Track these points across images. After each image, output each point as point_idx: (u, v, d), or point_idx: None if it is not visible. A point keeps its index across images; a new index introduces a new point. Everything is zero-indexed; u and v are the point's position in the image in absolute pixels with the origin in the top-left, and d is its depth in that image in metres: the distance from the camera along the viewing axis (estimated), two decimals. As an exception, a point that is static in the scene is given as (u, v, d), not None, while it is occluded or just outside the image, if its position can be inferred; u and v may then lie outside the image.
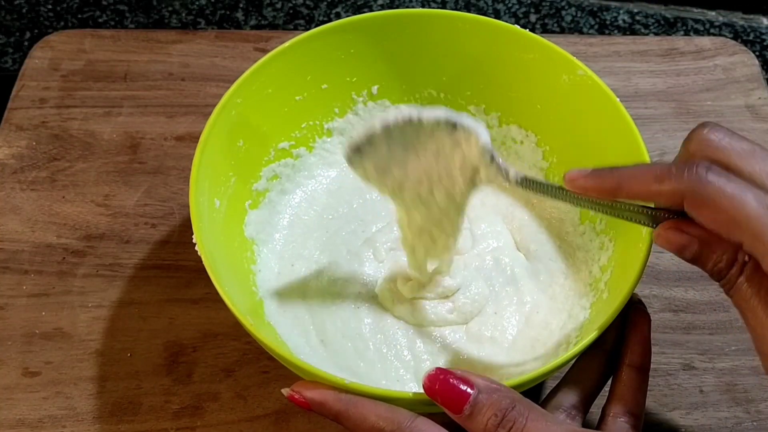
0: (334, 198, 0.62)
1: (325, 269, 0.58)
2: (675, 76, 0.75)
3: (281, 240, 0.59)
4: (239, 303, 0.47)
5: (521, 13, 0.89)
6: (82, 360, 0.57)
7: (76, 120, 0.70)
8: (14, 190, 0.66)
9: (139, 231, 0.64)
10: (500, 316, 0.55)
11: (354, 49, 0.60)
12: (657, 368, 0.58)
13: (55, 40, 0.76)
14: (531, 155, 0.62)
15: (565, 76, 0.57)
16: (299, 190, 0.62)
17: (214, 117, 0.54)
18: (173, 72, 0.74)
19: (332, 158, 0.64)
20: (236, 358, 0.58)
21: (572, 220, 0.59)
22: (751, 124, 0.72)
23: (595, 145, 0.57)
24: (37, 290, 0.61)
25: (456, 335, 0.55)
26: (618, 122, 0.54)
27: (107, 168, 0.67)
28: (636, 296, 0.48)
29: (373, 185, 0.48)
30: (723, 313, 0.61)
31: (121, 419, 0.55)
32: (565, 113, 0.59)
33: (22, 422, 0.55)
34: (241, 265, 0.55)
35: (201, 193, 0.51)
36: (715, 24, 0.88)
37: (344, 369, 0.53)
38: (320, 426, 0.55)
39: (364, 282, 0.57)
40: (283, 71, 0.58)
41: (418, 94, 0.64)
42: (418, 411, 0.43)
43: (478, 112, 0.63)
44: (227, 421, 0.55)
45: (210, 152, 0.53)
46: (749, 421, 0.56)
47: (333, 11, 0.88)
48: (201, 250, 0.48)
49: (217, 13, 0.87)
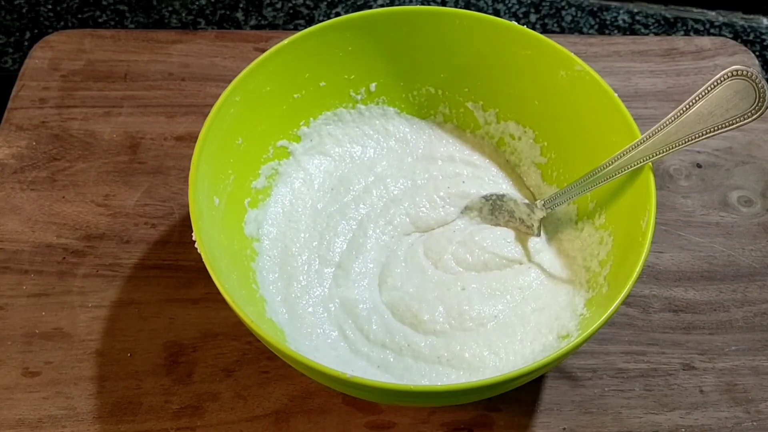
0: (333, 195, 0.62)
1: (325, 262, 0.58)
2: (675, 76, 0.75)
3: (280, 236, 0.59)
4: (239, 300, 0.47)
5: (521, 13, 0.89)
6: (82, 360, 0.57)
7: (76, 120, 0.70)
8: (14, 190, 0.66)
9: (139, 231, 0.64)
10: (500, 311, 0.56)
11: (352, 46, 0.60)
12: (657, 368, 0.58)
13: (55, 40, 0.76)
14: (529, 151, 0.63)
15: (563, 72, 0.58)
16: (297, 183, 0.62)
17: (213, 115, 0.54)
18: (173, 72, 0.74)
19: (330, 155, 0.64)
20: (236, 358, 0.58)
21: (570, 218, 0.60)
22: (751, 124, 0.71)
23: (593, 140, 0.57)
24: (37, 290, 0.61)
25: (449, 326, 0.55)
26: (616, 117, 0.54)
27: (107, 168, 0.68)
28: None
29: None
30: (723, 313, 0.61)
31: (121, 419, 0.55)
32: (563, 109, 0.59)
33: (22, 422, 0.55)
34: (241, 263, 0.55)
35: (200, 191, 0.51)
36: (715, 24, 0.88)
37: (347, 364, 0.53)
38: (320, 426, 0.55)
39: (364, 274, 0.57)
40: (281, 69, 0.58)
41: (416, 91, 0.64)
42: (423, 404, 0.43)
43: (476, 108, 0.64)
44: (227, 421, 0.55)
45: (209, 150, 0.53)
46: (749, 421, 0.56)
47: (333, 11, 0.88)
48: (201, 248, 0.48)
49: (217, 13, 0.87)
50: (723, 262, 0.63)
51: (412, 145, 0.65)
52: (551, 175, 0.61)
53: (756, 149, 0.70)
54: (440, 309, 0.55)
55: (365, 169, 0.63)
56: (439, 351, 0.54)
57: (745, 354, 0.58)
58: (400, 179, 0.62)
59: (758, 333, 0.59)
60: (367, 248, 0.59)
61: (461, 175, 0.62)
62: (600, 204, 0.57)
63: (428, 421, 0.55)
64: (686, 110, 0.51)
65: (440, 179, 0.62)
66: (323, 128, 0.63)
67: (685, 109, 0.51)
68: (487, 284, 0.57)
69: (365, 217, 0.61)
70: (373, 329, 0.55)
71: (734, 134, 0.70)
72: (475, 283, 0.57)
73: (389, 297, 0.56)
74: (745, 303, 0.61)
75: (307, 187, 0.62)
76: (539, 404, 0.56)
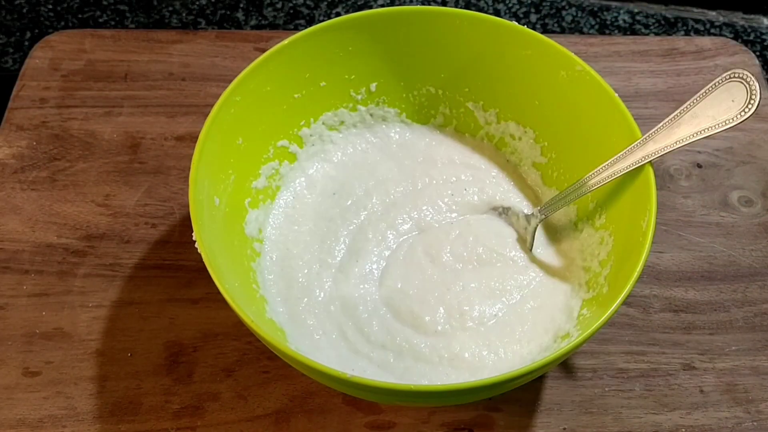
0: (334, 195, 0.62)
1: (326, 265, 0.58)
2: (675, 76, 0.75)
3: (281, 237, 0.60)
4: (240, 300, 0.47)
5: (521, 13, 0.89)
6: (83, 360, 0.57)
7: (76, 120, 0.70)
8: (14, 190, 0.66)
9: (139, 231, 0.64)
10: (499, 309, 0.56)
11: (352, 46, 0.60)
12: (657, 368, 0.58)
13: (56, 40, 0.76)
14: (529, 151, 0.63)
15: (563, 72, 0.58)
16: (299, 187, 0.62)
17: (213, 115, 0.54)
18: (174, 72, 0.74)
19: (331, 155, 0.64)
20: (236, 358, 0.58)
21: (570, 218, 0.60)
22: (751, 124, 0.71)
23: (594, 140, 0.57)
24: (38, 290, 0.61)
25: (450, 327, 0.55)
26: (616, 117, 0.54)
27: (107, 168, 0.68)
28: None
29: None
30: (723, 313, 0.61)
31: (121, 419, 0.55)
32: (563, 109, 0.59)
33: (23, 422, 0.55)
34: (241, 263, 0.55)
35: (200, 191, 0.51)
36: (716, 24, 0.88)
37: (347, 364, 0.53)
38: (320, 426, 0.55)
39: (365, 277, 0.57)
40: (282, 69, 0.58)
41: (416, 92, 0.64)
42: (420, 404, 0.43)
43: (477, 108, 0.64)
44: (227, 421, 0.55)
45: (209, 150, 0.53)
46: (749, 421, 0.56)
47: (333, 11, 0.88)
48: (201, 248, 0.48)
49: (217, 13, 0.87)
50: (723, 262, 0.63)
51: (412, 149, 0.65)
52: (551, 175, 0.61)
53: (756, 149, 0.70)
54: (441, 310, 0.55)
55: (366, 173, 0.63)
56: (439, 351, 0.54)
57: (745, 354, 0.58)
58: (401, 183, 0.62)
59: (758, 333, 0.59)
60: (367, 251, 0.59)
61: (461, 179, 0.62)
62: (600, 204, 0.57)
63: (428, 421, 0.55)
64: (686, 110, 0.51)
65: (441, 182, 0.62)
66: (325, 133, 0.63)
67: (686, 110, 0.51)
68: (487, 283, 0.57)
69: (366, 221, 0.60)
70: (374, 330, 0.55)
71: (735, 134, 0.70)
72: (475, 282, 0.57)
73: (390, 298, 0.56)
74: (745, 303, 0.61)
75: (309, 192, 0.62)
76: (539, 404, 0.56)
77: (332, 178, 0.63)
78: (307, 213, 0.61)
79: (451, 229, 0.59)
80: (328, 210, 0.61)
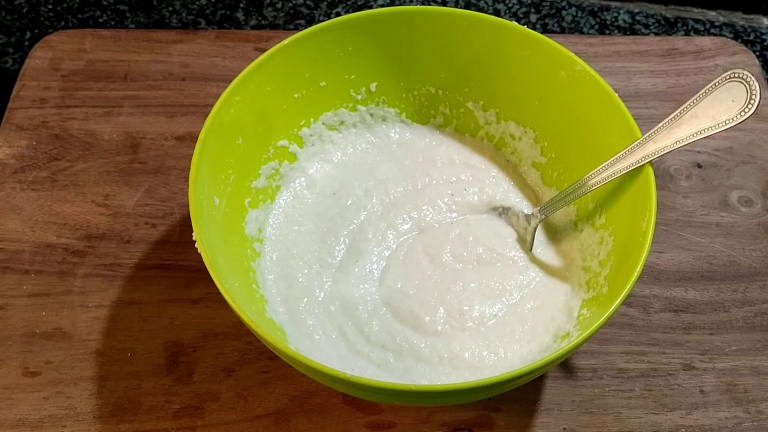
0: (334, 196, 0.62)
1: (326, 265, 0.58)
2: (675, 76, 0.75)
3: (281, 237, 0.60)
4: (240, 300, 0.47)
5: (521, 13, 0.89)
6: (83, 360, 0.57)
7: (76, 120, 0.70)
8: (14, 190, 0.66)
9: (139, 231, 0.64)
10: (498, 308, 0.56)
11: (352, 46, 0.60)
12: (657, 368, 0.58)
13: (56, 40, 0.76)
14: (529, 151, 0.63)
15: (563, 72, 0.58)
16: (299, 187, 0.62)
17: (213, 115, 0.54)
18: (174, 72, 0.74)
19: (331, 155, 0.64)
20: (236, 358, 0.58)
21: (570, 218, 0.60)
22: (751, 124, 0.71)
23: (594, 140, 0.57)
24: (38, 290, 0.61)
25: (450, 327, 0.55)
26: (616, 117, 0.54)
27: (107, 168, 0.68)
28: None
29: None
30: (723, 313, 0.61)
31: (121, 419, 0.55)
32: (563, 109, 0.59)
33: (23, 422, 0.55)
34: (241, 263, 0.55)
35: (200, 191, 0.51)
36: (716, 24, 0.88)
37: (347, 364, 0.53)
38: (320, 426, 0.55)
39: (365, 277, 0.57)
40: (282, 69, 0.58)
41: (416, 92, 0.64)
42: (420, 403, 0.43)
43: (477, 108, 0.64)
44: (227, 421, 0.55)
45: (209, 150, 0.53)
46: (749, 421, 0.56)
47: (333, 11, 0.88)
48: (201, 248, 0.48)
49: (217, 13, 0.87)
50: (723, 262, 0.63)
51: (412, 149, 0.65)
52: (551, 175, 0.62)
53: (756, 149, 0.70)
54: (441, 310, 0.55)
55: (366, 173, 0.63)
56: (439, 351, 0.54)
57: (745, 354, 0.58)
58: (401, 183, 0.62)
59: (758, 333, 0.59)
60: (367, 251, 0.59)
61: (461, 179, 0.63)
62: (600, 204, 0.57)
63: (428, 421, 0.55)
64: (686, 110, 0.51)
65: (441, 182, 0.62)
66: (325, 133, 0.64)
67: (686, 110, 0.52)
68: (487, 283, 0.57)
69: (366, 221, 0.61)
70: (374, 330, 0.55)
71: (735, 134, 0.70)
72: (475, 282, 0.57)
73: (390, 299, 0.56)
74: (745, 303, 0.61)
75: (309, 192, 0.62)
76: (539, 404, 0.56)
77: (332, 178, 0.63)
78: (307, 213, 0.61)
79: (451, 229, 0.59)
80: (328, 210, 0.61)
